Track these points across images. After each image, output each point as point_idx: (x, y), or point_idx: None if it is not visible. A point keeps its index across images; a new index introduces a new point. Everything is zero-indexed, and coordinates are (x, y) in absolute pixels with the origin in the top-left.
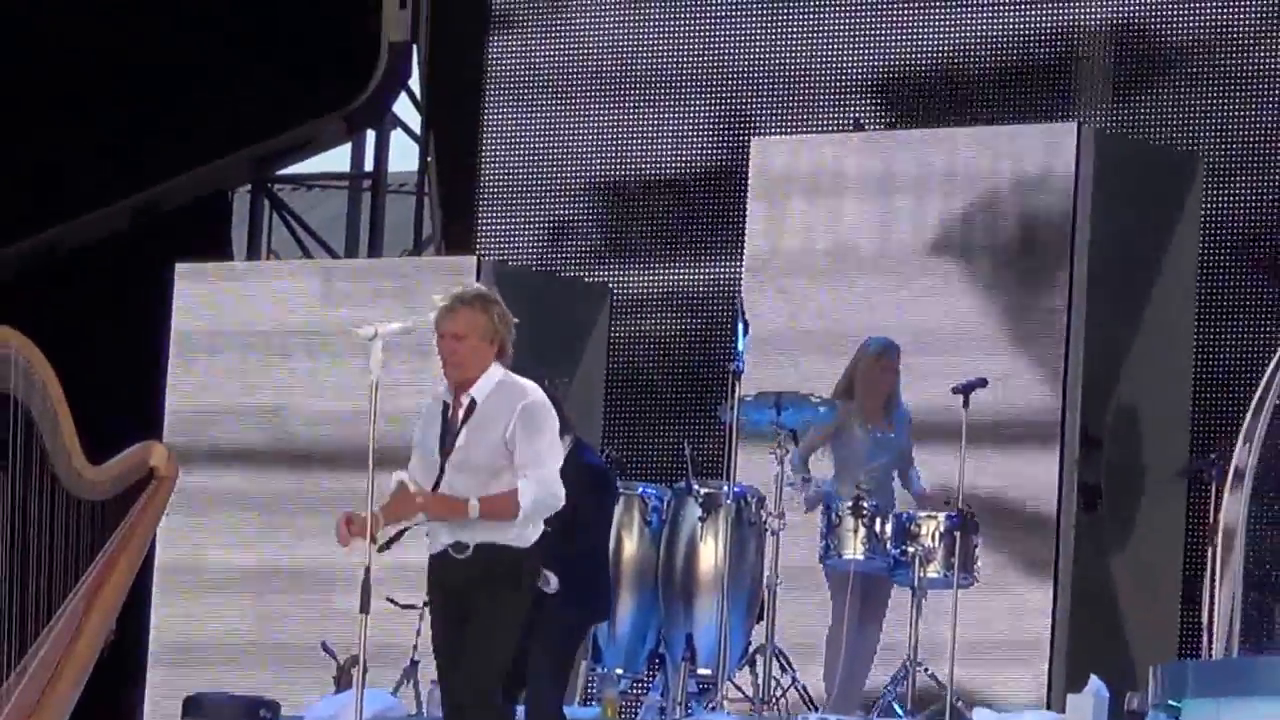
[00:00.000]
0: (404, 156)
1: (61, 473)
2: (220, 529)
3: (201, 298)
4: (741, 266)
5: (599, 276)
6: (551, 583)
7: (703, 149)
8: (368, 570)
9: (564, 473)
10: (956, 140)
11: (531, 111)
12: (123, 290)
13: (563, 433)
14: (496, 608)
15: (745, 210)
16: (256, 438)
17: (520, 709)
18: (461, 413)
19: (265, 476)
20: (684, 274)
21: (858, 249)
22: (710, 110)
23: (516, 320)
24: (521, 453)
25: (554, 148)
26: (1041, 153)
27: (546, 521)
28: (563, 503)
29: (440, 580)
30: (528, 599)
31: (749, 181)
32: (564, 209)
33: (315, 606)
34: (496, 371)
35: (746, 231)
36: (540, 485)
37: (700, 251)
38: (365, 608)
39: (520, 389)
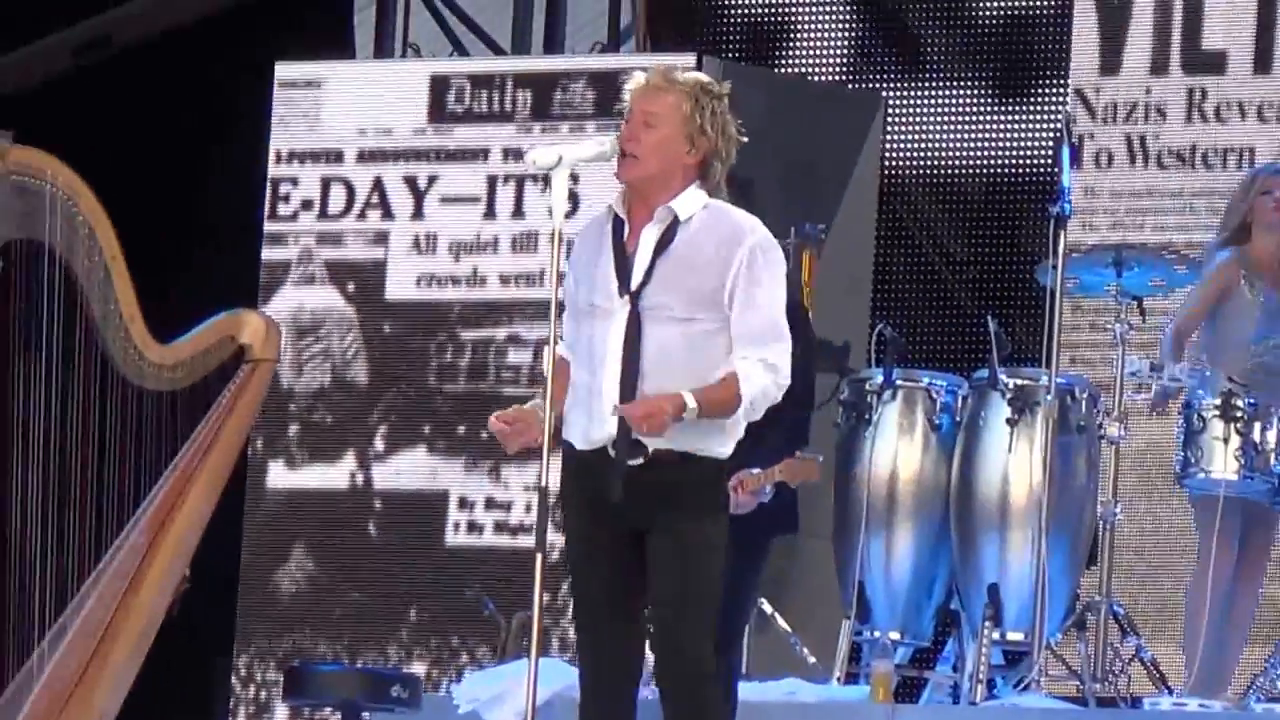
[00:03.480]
0: None
1: (116, 352)
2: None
3: (306, 110)
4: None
5: (867, 84)
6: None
7: None
8: (543, 491)
9: None
10: None
11: None
12: (205, 100)
13: None
14: (698, 541)
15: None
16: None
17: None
18: (657, 232)
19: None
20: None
21: None
22: None
23: (745, 139)
24: (745, 315)
25: None
26: None
27: None
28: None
29: (591, 490)
30: (726, 527)
31: None
32: None
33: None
34: (699, 194)
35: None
36: (771, 371)
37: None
38: (541, 545)
39: (744, 220)
